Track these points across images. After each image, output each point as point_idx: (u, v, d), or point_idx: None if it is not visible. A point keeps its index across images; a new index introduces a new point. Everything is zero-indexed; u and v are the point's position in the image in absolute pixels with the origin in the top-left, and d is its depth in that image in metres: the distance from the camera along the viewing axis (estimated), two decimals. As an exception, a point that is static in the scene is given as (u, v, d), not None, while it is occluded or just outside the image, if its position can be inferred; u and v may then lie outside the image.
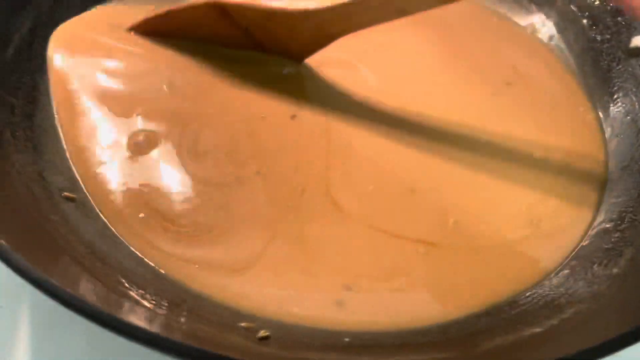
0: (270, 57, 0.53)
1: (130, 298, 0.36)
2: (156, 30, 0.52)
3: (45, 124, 0.47)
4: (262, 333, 0.37)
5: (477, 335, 0.39)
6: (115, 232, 0.43)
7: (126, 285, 0.38)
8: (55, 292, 0.30)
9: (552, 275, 0.43)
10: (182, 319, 0.37)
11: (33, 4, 0.51)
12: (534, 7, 0.61)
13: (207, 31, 0.52)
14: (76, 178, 0.45)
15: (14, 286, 0.42)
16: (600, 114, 0.54)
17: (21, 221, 0.38)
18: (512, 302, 0.41)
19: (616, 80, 0.54)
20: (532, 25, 0.61)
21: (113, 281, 0.37)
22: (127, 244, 0.42)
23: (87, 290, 0.35)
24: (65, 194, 0.43)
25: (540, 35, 0.61)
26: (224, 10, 0.49)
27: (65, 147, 0.46)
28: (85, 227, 0.42)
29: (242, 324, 0.38)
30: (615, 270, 0.41)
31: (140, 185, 0.45)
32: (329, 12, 0.46)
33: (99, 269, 0.38)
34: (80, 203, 0.44)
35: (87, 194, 0.44)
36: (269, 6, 0.48)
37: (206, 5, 0.49)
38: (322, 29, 0.48)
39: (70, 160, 0.46)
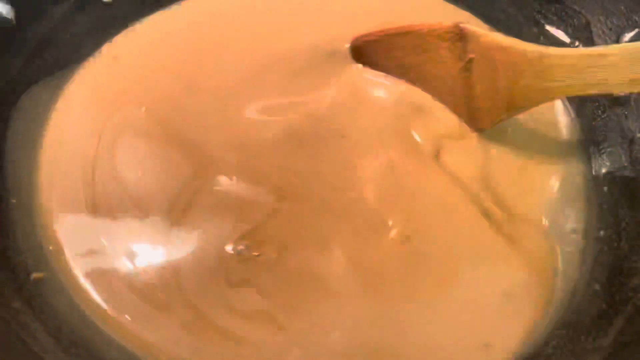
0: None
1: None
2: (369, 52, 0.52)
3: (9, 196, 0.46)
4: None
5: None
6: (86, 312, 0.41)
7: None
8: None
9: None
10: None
11: (1, 70, 0.50)
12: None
13: (425, 59, 0.51)
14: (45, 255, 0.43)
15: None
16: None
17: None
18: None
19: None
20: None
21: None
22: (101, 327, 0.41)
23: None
24: (35, 275, 0.42)
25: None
26: (462, 35, 0.49)
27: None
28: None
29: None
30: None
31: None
32: (563, 58, 0.45)
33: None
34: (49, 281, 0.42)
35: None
36: (507, 39, 0.48)
37: (451, 26, 0.48)
38: (544, 81, 0.46)
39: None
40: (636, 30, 0.52)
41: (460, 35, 0.49)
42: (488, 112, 0.50)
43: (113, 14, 0.57)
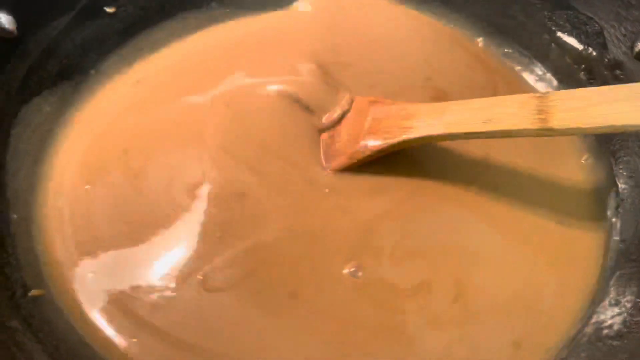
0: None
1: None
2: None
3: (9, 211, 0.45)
4: None
5: None
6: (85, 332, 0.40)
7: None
8: None
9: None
10: None
11: (2, 81, 0.49)
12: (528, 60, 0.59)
13: None
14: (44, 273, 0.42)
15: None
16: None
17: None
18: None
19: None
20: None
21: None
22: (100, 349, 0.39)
23: None
24: (34, 292, 0.40)
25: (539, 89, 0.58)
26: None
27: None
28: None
29: None
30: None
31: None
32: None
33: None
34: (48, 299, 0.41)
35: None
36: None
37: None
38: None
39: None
40: (651, 36, 0.50)
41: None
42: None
43: (116, 24, 0.56)
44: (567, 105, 0.40)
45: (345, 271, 0.43)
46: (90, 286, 0.42)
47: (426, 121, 0.45)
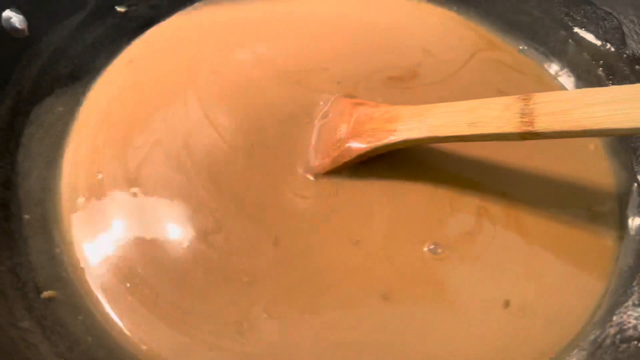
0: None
1: None
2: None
3: (21, 211, 0.44)
4: None
5: None
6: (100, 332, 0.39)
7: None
8: None
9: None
10: None
11: (14, 81, 0.48)
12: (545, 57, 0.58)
13: None
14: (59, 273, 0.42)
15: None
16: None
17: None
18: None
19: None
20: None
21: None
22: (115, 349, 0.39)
23: None
24: (46, 293, 0.40)
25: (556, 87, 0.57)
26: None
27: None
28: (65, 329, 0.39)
29: None
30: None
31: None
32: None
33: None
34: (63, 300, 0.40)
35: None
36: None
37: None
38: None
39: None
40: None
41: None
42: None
43: (127, 23, 0.56)
44: (552, 108, 0.39)
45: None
46: (106, 288, 0.42)
47: (410, 124, 0.44)
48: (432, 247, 0.44)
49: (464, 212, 0.46)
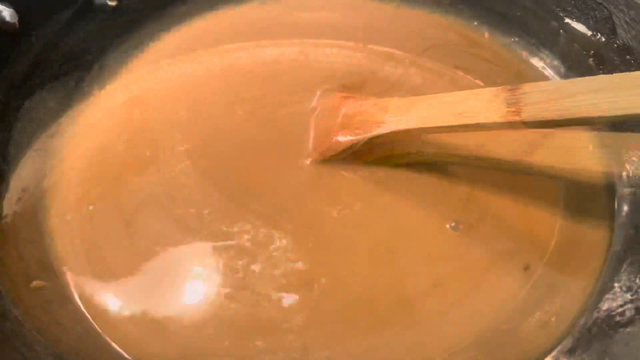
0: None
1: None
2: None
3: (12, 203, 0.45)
4: None
5: None
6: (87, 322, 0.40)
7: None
8: None
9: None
10: None
11: (4, 75, 0.49)
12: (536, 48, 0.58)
13: None
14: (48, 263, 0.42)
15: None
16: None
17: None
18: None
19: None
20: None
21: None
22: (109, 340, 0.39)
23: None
24: (35, 283, 0.40)
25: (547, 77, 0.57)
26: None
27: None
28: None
29: None
30: None
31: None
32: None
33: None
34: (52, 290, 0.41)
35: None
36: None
37: None
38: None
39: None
40: (661, 20, 0.49)
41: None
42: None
43: (119, 17, 0.56)
44: (538, 98, 0.39)
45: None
46: (94, 279, 0.42)
47: (398, 116, 0.45)
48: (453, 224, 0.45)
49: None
